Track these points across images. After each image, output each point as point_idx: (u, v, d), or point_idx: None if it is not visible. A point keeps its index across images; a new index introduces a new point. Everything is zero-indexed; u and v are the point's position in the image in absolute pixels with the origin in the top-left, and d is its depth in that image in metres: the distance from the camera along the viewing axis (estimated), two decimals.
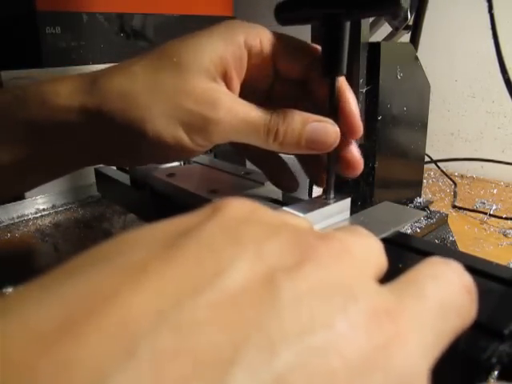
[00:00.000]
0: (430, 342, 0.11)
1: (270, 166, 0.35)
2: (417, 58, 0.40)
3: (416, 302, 0.12)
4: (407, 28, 0.45)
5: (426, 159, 0.67)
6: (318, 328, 0.10)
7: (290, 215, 0.15)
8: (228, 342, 0.09)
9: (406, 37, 0.46)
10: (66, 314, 0.09)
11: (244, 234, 0.11)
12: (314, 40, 0.36)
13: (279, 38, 0.28)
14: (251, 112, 0.25)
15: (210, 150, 0.60)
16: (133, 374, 0.08)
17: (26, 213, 0.64)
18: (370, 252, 0.13)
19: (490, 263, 0.26)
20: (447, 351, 0.12)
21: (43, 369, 0.08)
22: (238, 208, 0.13)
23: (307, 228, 0.13)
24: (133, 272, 0.10)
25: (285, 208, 0.33)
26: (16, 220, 0.62)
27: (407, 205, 0.42)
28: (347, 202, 0.37)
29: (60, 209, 0.66)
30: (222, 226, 0.12)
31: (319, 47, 0.29)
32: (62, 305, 0.09)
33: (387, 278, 0.13)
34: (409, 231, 0.35)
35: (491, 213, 0.56)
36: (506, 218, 0.55)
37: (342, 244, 0.12)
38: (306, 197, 0.48)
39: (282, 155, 0.35)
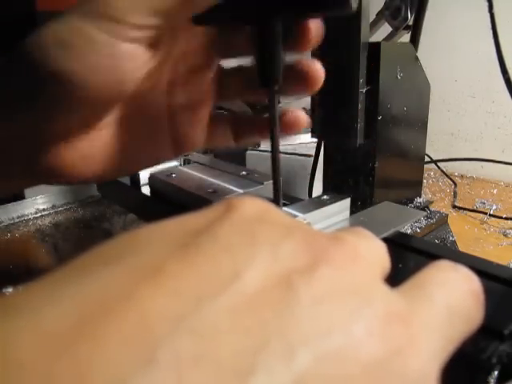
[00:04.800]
0: (440, 346, 0.11)
1: None
2: (417, 58, 0.40)
3: (425, 306, 0.12)
4: (407, 28, 0.45)
5: (426, 159, 0.67)
6: (335, 332, 0.10)
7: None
8: (248, 347, 0.09)
9: (406, 37, 0.46)
10: (81, 314, 0.08)
11: (259, 234, 0.11)
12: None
13: None
14: None
15: (210, 151, 0.60)
16: (153, 381, 0.08)
17: (26, 213, 0.64)
18: (377, 254, 0.13)
19: (490, 263, 0.26)
20: (451, 352, 0.12)
21: (58, 374, 0.08)
22: (251, 207, 0.13)
23: (317, 231, 0.13)
24: (149, 272, 0.10)
25: (285, 208, 0.33)
26: (16, 220, 0.62)
27: (407, 205, 0.42)
28: (347, 201, 0.37)
29: (60, 209, 0.66)
30: (236, 225, 0.12)
31: None
32: (77, 304, 0.09)
33: (388, 278, 0.13)
34: (409, 231, 0.35)
35: (491, 213, 0.56)
36: (506, 218, 0.55)
37: (352, 247, 0.12)
38: (306, 197, 0.48)
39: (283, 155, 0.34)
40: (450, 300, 0.12)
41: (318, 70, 0.25)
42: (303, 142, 0.62)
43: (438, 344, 0.11)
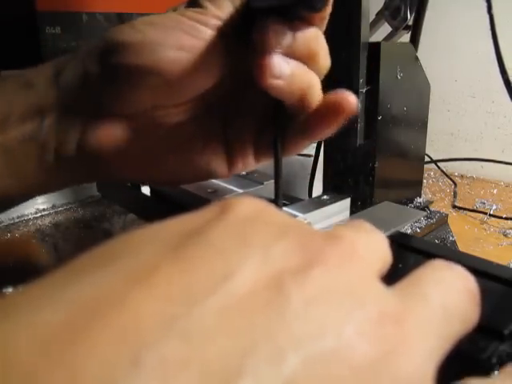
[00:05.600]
0: (435, 346, 0.11)
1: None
2: (417, 58, 0.40)
3: (420, 306, 0.12)
4: (407, 28, 0.45)
5: (426, 159, 0.67)
6: (326, 334, 0.10)
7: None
8: (236, 350, 0.09)
9: (406, 37, 0.46)
10: (73, 318, 0.09)
11: (252, 236, 0.11)
12: None
13: None
14: None
15: None
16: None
17: (26, 213, 0.64)
18: (376, 249, 0.13)
19: (490, 263, 0.26)
20: (447, 351, 0.12)
21: (48, 376, 0.08)
22: (246, 207, 0.13)
23: (314, 230, 0.13)
24: (141, 274, 0.10)
25: (285, 208, 0.33)
26: (16, 220, 0.62)
27: (407, 205, 0.42)
28: (347, 202, 0.37)
29: (60, 209, 0.66)
30: (230, 225, 0.12)
31: None
32: (69, 308, 0.09)
33: (387, 277, 0.13)
34: (409, 231, 0.35)
35: (491, 213, 0.56)
36: (506, 218, 0.55)
37: (349, 245, 0.12)
38: (306, 197, 0.48)
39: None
40: (446, 299, 0.12)
41: (351, 102, 0.24)
42: None
43: (433, 343, 0.11)
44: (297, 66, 0.23)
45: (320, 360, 0.09)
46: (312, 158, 0.47)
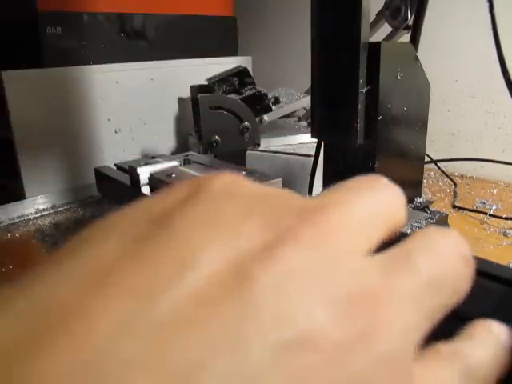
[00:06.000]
0: (417, 322, 0.10)
1: None
2: (417, 58, 0.40)
3: (406, 278, 0.11)
4: (407, 28, 0.46)
5: (426, 159, 0.67)
6: (292, 322, 0.09)
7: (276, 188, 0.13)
8: (197, 345, 0.08)
9: (406, 37, 0.46)
10: (25, 331, 0.08)
11: (220, 214, 0.11)
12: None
13: None
14: None
15: (210, 151, 0.60)
16: None
17: (26, 213, 0.64)
18: (376, 214, 0.12)
19: (490, 263, 0.26)
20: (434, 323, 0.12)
21: None
22: (219, 182, 0.12)
23: (291, 202, 0.12)
24: (98, 273, 0.09)
25: None
26: (16, 220, 0.62)
27: (407, 205, 0.42)
28: None
29: (60, 209, 0.66)
30: (200, 205, 0.11)
31: None
32: (23, 321, 0.08)
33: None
34: (409, 231, 0.35)
35: (491, 213, 0.56)
36: (506, 218, 0.55)
37: (328, 218, 0.11)
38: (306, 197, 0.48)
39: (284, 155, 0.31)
40: (436, 269, 0.11)
41: None
42: (303, 142, 0.62)
43: (415, 319, 0.10)
44: None
45: (288, 350, 0.09)
46: (312, 158, 0.47)
